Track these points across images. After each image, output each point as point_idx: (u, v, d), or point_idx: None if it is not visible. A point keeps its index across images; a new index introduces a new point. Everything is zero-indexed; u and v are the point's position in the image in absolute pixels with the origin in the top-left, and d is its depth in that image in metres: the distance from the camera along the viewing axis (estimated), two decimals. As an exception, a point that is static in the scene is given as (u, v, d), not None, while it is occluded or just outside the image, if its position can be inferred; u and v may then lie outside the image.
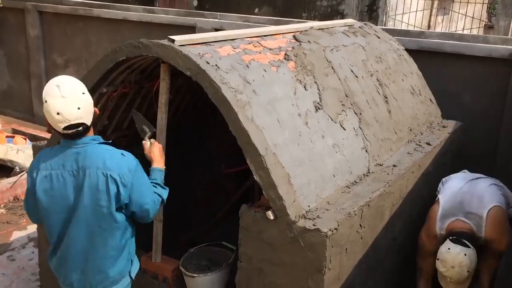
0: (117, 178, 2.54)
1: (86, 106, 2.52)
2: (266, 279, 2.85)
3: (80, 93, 2.52)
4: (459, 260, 3.14)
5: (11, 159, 6.53)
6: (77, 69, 8.35)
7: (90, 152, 2.57)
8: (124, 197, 2.58)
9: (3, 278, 4.54)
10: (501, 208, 3.43)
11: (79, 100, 2.49)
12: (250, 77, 3.01)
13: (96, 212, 2.57)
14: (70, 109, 2.45)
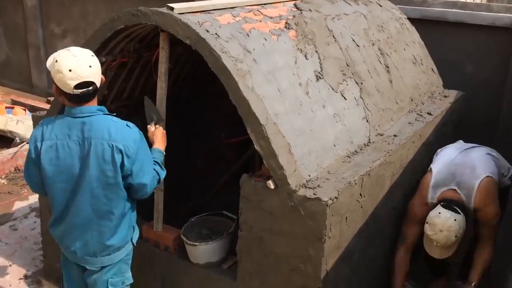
0: (122, 149, 2.56)
1: (96, 67, 2.56)
2: (266, 247, 2.87)
3: (90, 55, 2.57)
4: (448, 224, 3.20)
5: (11, 130, 6.53)
6: (75, 39, 8.26)
7: (96, 122, 2.57)
8: (127, 168, 2.60)
9: (6, 247, 4.59)
10: (492, 178, 3.45)
11: (90, 60, 2.54)
12: (250, 46, 2.97)
13: (102, 182, 2.60)
14: (82, 66, 2.49)
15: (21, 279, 4.17)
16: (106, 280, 2.82)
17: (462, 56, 5.30)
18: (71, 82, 2.48)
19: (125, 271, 2.90)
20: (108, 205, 2.66)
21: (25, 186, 5.74)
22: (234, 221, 3.30)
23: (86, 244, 2.74)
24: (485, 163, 3.53)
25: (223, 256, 3.27)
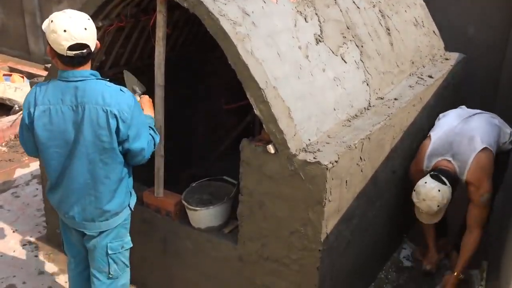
0: (117, 114, 2.53)
1: (92, 30, 2.52)
2: (267, 211, 2.89)
3: (86, 18, 2.53)
4: (432, 194, 3.31)
5: (10, 97, 6.50)
6: (71, 4, 8.11)
7: (89, 87, 2.54)
8: (123, 133, 2.59)
9: (8, 214, 4.63)
10: (488, 151, 3.47)
11: (86, 22, 2.50)
12: (249, 9, 2.92)
13: (98, 147, 2.59)
14: (77, 27, 2.45)
15: (24, 245, 4.22)
16: (106, 245, 2.85)
17: (464, 18, 5.22)
18: (65, 43, 2.44)
19: (124, 235, 2.92)
20: (104, 170, 2.66)
21: (26, 153, 5.74)
22: (235, 186, 3.31)
23: (84, 209, 2.74)
24: (485, 134, 3.53)
25: (224, 221, 3.30)
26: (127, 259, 2.99)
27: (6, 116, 6.31)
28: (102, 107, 2.52)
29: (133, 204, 2.93)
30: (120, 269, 2.95)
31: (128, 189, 2.86)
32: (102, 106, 2.52)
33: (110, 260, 2.88)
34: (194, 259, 3.34)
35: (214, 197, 3.45)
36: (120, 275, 2.97)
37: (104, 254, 2.87)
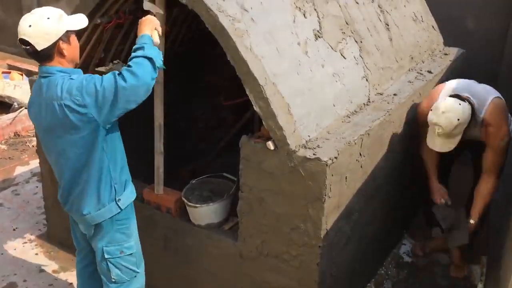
0: (70, 104, 2.45)
1: (39, 28, 2.44)
2: (267, 208, 2.89)
3: (45, 17, 2.47)
4: (452, 106, 3.19)
5: (9, 95, 6.49)
6: (69, 0, 8.10)
7: (51, 83, 2.52)
8: (95, 115, 2.46)
9: (9, 212, 4.63)
10: (503, 101, 3.43)
11: (35, 21, 2.45)
12: (247, 5, 2.91)
13: (71, 140, 2.54)
14: (23, 23, 2.46)
15: (25, 243, 4.22)
16: (101, 248, 2.79)
17: (463, 11, 5.21)
18: (18, 36, 2.50)
19: (122, 241, 2.81)
20: (80, 164, 2.60)
21: (26, 151, 5.75)
22: (235, 182, 3.31)
23: (75, 205, 2.74)
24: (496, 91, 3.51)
25: (224, 217, 3.30)
26: (133, 264, 2.87)
27: (6, 114, 6.31)
28: (57, 102, 2.48)
29: (125, 202, 2.77)
30: (126, 274, 2.85)
31: (113, 182, 2.70)
32: (57, 101, 2.48)
33: (109, 265, 2.81)
34: (195, 256, 3.34)
35: (214, 194, 3.45)
36: (128, 281, 2.88)
37: (101, 257, 2.81)
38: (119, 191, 2.73)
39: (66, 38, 2.53)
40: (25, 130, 6.20)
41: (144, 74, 2.45)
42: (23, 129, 6.20)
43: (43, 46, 2.48)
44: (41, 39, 2.46)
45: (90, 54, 3.53)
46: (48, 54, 2.51)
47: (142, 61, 2.47)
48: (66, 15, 2.57)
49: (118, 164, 2.71)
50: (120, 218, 2.78)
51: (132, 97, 2.46)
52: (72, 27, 2.55)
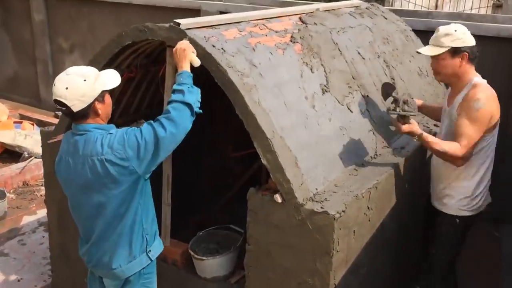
0: (112, 158, 2.49)
1: (76, 90, 2.48)
2: (274, 261, 2.87)
3: (81, 79, 2.50)
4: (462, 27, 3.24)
5: (20, 144, 6.57)
6: (82, 54, 8.34)
7: (89, 139, 2.55)
8: (136, 167, 2.50)
9: (14, 262, 4.60)
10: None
11: (72, 82, 2.48)
12: (256, 60, 3.00)
13: (106, 195, 2.56)
14: (60, 85, 2.49)
15: (29, 294, 4.18)
16: None
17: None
18: (53, 97, 2.54)
19: None
20: (113, 218, 2.61)
21: (33, 200, 5.77)
22: (242, 235, 3.30)
23: (104, 260, 2.71)
24: None
25: (231, 270, 3.27)
26: None
27: (15, 163, 6.37)
28: (97, 157, 2.51)
29: (156, 253, 2.79)
30: None
31: (144, 233, 2.71)
32: (97, 157, 2.51)
33: None
34: (200, 309, 3.29)
35: (221, 246, 3.43)
36: None
37: None
38: (150, 242, 2.75)
39: (101, 98, 2.57)
40: (34, 180, 6.24)
41: (183, 121, 2.52)
42: (32, 178, 6.24)
43: (79, 108, 2.51)
44: (77, 101, 2.50)
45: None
46: (84, 114, 2.55)
47: (181, 107, 2.53)
48: (102, 75, 2.60)
49: (150, 215, 2.74)
50: (146, 272, 2.79)
51: (172, 144, 2.55)
52: (106, 87, 2.58)
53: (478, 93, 3.12)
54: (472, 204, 3.31)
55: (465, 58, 3.18)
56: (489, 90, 3.18)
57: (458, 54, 3.17)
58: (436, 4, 11.08)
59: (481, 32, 5.16)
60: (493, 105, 3.15)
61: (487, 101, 3.10)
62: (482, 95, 3.11)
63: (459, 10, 11.46)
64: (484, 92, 3.14)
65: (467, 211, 3.32)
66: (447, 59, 3.20)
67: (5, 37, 9.40)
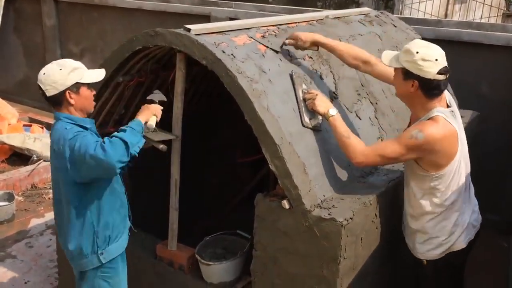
0: (56, 149, 2.71)
1: (50, 76, 2.71)
2: (281, 267, 2.86)
3: (58, 67, 2.74)
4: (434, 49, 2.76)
5: (29, 147, 6.60)
6: (92, 58, 8.40)
7: (56, 128, 2.78)
8: (70, 169, 2.65)
9: (21, 264, 4.62)
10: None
11: (49, 69, 2.74)
12: (265, 67, 3.01)
13: (59, 185, 2.80)
14: (41, 70, 2.76)
15: (36, 296, 4.19)
16: None
17: (477, 77, 5.29)
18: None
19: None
20: (64, 210, 2.80)
21: (41, 203, 5.80)
22: (249, 240, 3.30)
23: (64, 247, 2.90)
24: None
25: (237, 276, 3.27)
26: None
27: (24, 166, 6.40)
28: (52, 146, 2.77)
29: (108, 257, 2.85)
30: None
31: (96, 236, 2.80)
32: (52, 145, 2.77)
33: None
34: (206, 315, 3.29)
35: (228, 251, 3.43)
36: None
37: None
38: (101, 246, 2.84)
39: (76, 89, 2.76)
40: (42, 182, 6.28)
41: (113, 154, 2.52)
42: (40, 181, 6.27)
43: (52, 93, 2.74)
44: (50, 87, 2.73)
45: (110, 110, 3.62)
46: (57, 101, 2.77)
47: (117, 142, 2.57)
48: (82, 69, 2.79)
49: (102, 220, 2.82)
50: (104, 267, 2.89)
51: (94, 169, 2.58)
52: (83, 80, 2.77)
53: (428, 126, 2.66)
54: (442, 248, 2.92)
55: (415, 86, 2.68)
56: (446, 127, 2.69)
57: (409, 78, 2.68)
58: (445, 13, 11.07)
59: (491, 41, 5.16)
60: (439, 146, 2.68)
61: (429, 140, 2.65)
62: (430, 131, 2.64)
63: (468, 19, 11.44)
64: (438, 129, 2.66)
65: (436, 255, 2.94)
66: (397, 77, 2.76)
67: (17, 41, 9.49)
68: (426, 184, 2.81)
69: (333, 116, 2.90)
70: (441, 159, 2.74)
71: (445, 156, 2.73)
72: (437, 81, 2.67)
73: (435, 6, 10.09)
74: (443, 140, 2.68)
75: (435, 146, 2.67)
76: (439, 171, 2.76)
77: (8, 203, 5.40)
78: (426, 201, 2.85)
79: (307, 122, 2.97)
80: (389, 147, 2.78)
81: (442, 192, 2.82)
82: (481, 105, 5.03)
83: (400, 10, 8.90)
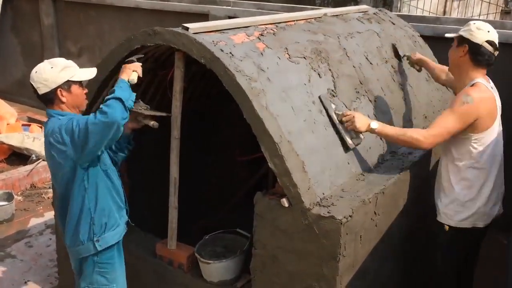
0: (52, 141, 2.73)
1: (41, 74, 2.77)
2: (280, 266, 2.87)
3: (49, 66, 2.79)
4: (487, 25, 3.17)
5: (28, 147, 6.60)
6: (90, 57, 8.39)
7: (47, 124, 2.84)
8: (73, 153, 2.70)
9: (21, 264, 4.62)
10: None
11: (41, 67, 2.80)
12: (264, 65, 3.00)
13: (57, 175, 2.85)
14: (34, 69, 2.82)
15: (36, 296, 4.19)
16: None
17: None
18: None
19: (103, 284, 2.95)
20: (64, 198, 2.87)
21: (41, 203, 5.80)
22: (248, 238, 3.30)
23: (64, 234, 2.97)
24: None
25: (237, 274, 3.27)
26: None
27: (23, 166, 6.40)
28: (45, 139, 2.80)
29: (104, 244, 2.90)
30: None
31: (91, 222, 2.86)
32: (46, 138, 2.79)
33: None
34: (206, 313, 3.29)
35: (228, 250, 3.43)
36: None
37: None
38: (97, 232, 2.88)
39: (67, 87, 2.81)
40: (41, 182, 6.28)
41: (113, 112, 2.62)
42: (39, 180, 6.27)
43: (43, 91, 2.80)
44: (41, 84, 2.79)
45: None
46: (49, 98, 2.82)
47: (112, 102, 2.66)
48: (73, 67, 2.85)
49: (99, 206, 2.87)
50: (101, 261, 2.94)
51: (101, 134, 2.64)
52: (74, 78, 2.82)
53: (472, 90, 2.99)
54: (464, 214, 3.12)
55: (465, 51, 3.06)
56: (488, 92, 3.04)
57: (462, 45, 3.08)
58: (444, 10, 11.07)
59: (489, 38, 5.15)
60: (485, 107, 2.99)
61: (478, 100, 2.95)
62: (476, 94, 2.97)
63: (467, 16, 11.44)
64: (480, 92, 3.00)
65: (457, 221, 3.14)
66: (454, 46, 3.16)
67: (15, 40, 9.47)
68: (466, 147, 3.04)
69: (377, 128, 3.08)
70: (484, 120, 2.98)
71: (487, 118, 2.99)
72: (485, 49, 3.05)
73: (434, 3, 10.09)
74: (488, 101, 2.99)
75: (485, 105, 2.96)
76: (479, 133, 3.00)
77: (8, 202, 5.40)
78: (463, 163, 3.06)
79: (350, 143, 3.07)
80: (448, 121, 2.98)
81: (478, 155, 3.04)
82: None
83: (398, 7, 8.90)
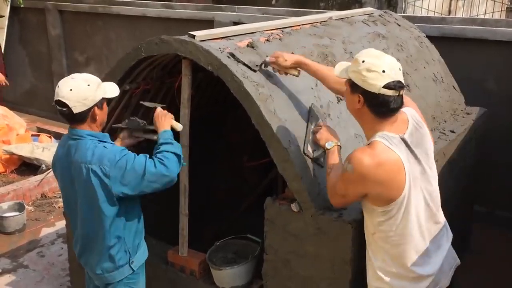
0: (97, 170, 2.62)
1: (79, 93, 2.63)
2: (292, 270, 2.87)
3: (85, 83, 2.66)
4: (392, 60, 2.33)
5: (37, 157, 6.64)
6: (98, 67, 8.44)
7: (81, 146, 2.69)
8: (115, 188, 2.63)
9: (33, 274, 4.65)
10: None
11: (76, 86, 2.64)
12: (271, 70, 3.01)
13: (90, 204, 2.70)
14: (64, 86, 2.64)
15: (49, 305, 4.21)
16: None
17: (483, 73, 5.27)
18: (55, 97, 2.67)
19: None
20: (96, 227, 2.75)
21: (52, 212, 5.83)
22: (259, 244, 3.30)
23: (89, 262, 2.87)
24: None
25: (249, 280, 3.27)
26: None
27: (33, 176, 6.44)
28: (85, 165, 2.64)
29: (138, 263, 2.91)
30: None
31: (126, 247, 2.84)
32: (85, 164, 2.64)
33: None
34: (219, 320, 3.29)
35: (239, 256, 3.43)
36: None
37: None
38: (133, 255, 2.87)
39: (101, 105, 2.74)
40: (52, 192, 6.31)
41: (173, 167, 2.68)
42: (50, 190, 6.31)
43: (80, 110, 2.66)
44: (79, 103, 2.64)
45: (118, 117, 3.64)
46: (82, 117, 2.69)
47: (172, 156, 2.70)
48: (104, 84, 2.79)
49: (132, 230, 2.84)
50: (132, 278, 2.92)
51: (155, 183, 2.66)
52: (107, 95, 2.77)
53: (361, 153, 2.28)
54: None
55: (361, 101, 2.32)
56: (387, 153, 2.26)
57: (355, 92, 2.34)
58: (449, 10, 11.03)
59: (496, 37, 5.15)
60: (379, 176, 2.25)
61: (366, 171, 2.24)
62: (365, 159, 2.24)
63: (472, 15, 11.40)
64: (373, 157, 2.25)
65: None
66: (347, 90, 2.42)
67: (22, 52, 9.55)
68: (374, 219, 2.39)
69: (328, 149, 2.64)
70: (380, 192, 2.29)
71: (386, 188, 2.28)
72: (384, 97, 2.25)
73: (438, 3, 10.05)
74: (385, 167, 2.25)
75: (368, 176, 2.25)
76: (384, 206, 2.32)
77: (19, 213, 5.43)
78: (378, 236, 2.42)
79: (309, 151, 2.82)
80: (338, 186, 2.42)
81: (392, 231, 2.36)
82: (488, 101, 5.01)
83: (403, 8, 8.88)
